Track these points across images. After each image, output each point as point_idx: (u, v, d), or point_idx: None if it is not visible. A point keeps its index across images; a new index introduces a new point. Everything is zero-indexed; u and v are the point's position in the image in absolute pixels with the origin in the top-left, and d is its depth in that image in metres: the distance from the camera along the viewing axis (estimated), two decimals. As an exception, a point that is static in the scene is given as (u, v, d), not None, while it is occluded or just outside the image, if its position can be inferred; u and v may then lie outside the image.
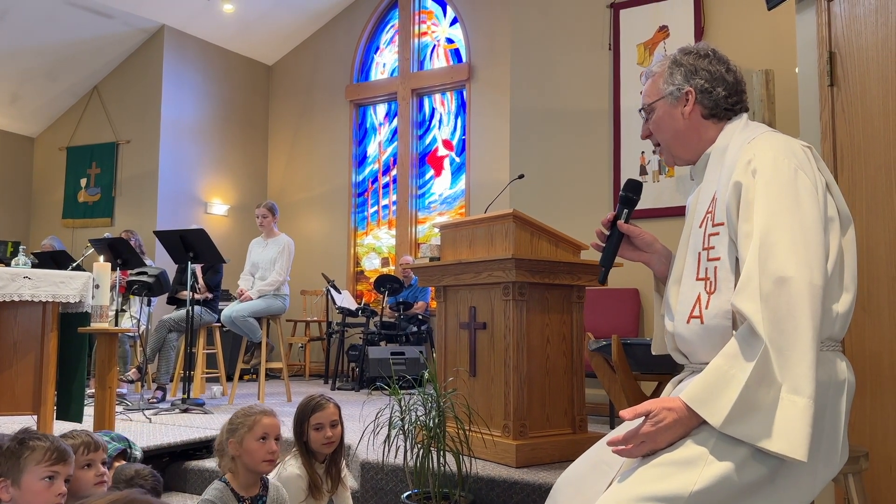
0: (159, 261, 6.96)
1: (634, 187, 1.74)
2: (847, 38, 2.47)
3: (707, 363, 1.50)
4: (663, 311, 1.74)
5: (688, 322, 1.56)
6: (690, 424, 1.38)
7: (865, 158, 2.38)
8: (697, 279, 1.56)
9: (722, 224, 1.52)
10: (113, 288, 5.42)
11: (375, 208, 8.77)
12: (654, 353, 1.81)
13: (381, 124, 8.84)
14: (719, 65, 1.66)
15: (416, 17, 8.57)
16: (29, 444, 1.82)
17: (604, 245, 1.75)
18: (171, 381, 5.68)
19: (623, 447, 1.43)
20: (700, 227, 1.59)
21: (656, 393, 3.09)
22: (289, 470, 2.45)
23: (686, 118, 1.65)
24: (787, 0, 2.72)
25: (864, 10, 2.41)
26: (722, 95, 1.64)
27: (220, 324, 5.67)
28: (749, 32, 4.75)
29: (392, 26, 8.78)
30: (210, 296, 5.77)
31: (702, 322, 1.52)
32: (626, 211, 1.72)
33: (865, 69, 2.40)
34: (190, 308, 5.04)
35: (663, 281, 1.78)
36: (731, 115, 1.66)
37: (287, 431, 3.54)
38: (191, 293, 5.06)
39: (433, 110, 8.46)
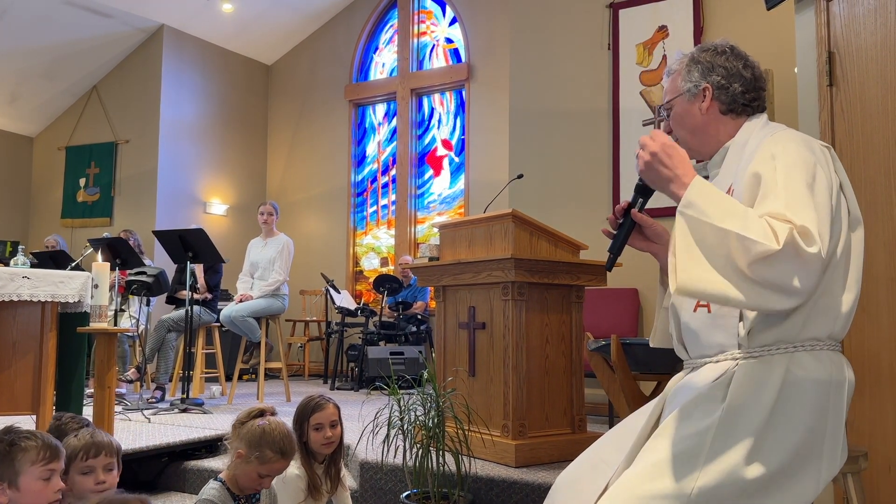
0: (158, 260, 6.96)
1: None
2: (846, 38, 2.47)
3: (708, 355, 1.52)
4: (666, 304, 1.74)
5: (695, 311, 1.56)
6: (668, 181, 1.49)
7: (864, 158, 2.38)
8: None
9: None
10: (112, 288, 5.42)
11: (374, 208, 8.76)
12: (652, 345, 1.81)
13: (380, 124, 8.84)
14: (736, 61, 1.67)
15: (416, 17, 8.57)
16: (21, 445, 1.78)
17: (615, 233, 1.75)
18: (171, 380, 5.68)
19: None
20: None
21: (655, 393, 3.09)
22: (288, 470, 2.45)
23: (704, 114, 1.67)
24: (787, 0, 2.72)
25: (863, 11, 2.41)
26: (739, 91, 1.65)
27: (219, 324, 5.67)
28: (748, 32, 4.75)
29: (391, 26, 8.77)
30: (210, 296, 5.77)
31: (709, 311, 1.53)
32: (640, 200, 1.71)
33: (864, 69, 2.40)
34: (189, 308, 5.04)
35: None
36: (749, 112, 1.67)
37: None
38: (190, 293, 5.06)
39: (432, 110, 8.45)
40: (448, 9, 8.32)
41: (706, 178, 1.73)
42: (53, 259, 5.93)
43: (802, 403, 1.41)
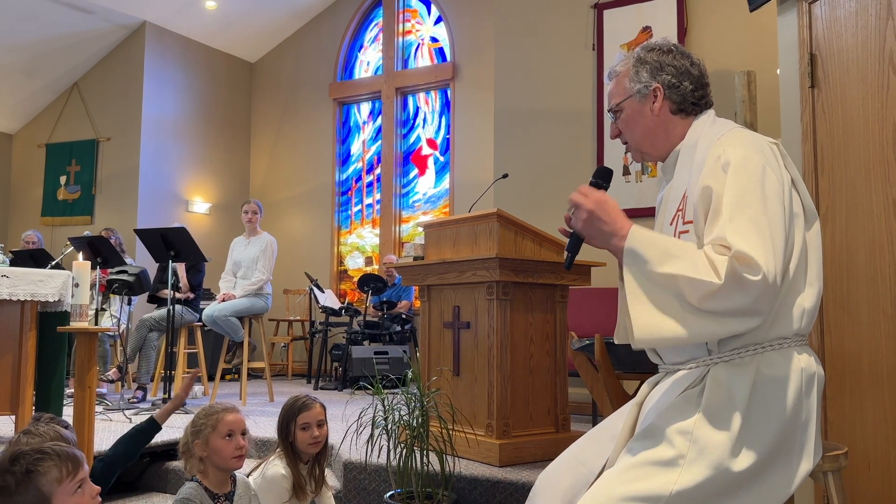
0: (140, 259, 6.89)
1: (604, 174, 1.74)
2: (828, 40, 2.49)
3: (679, 362, 1.53)
4: None
5: None
6: (609, 236, 1.52)
7: (845, 159, 2.41)
8: None
9: (692, 222, 1.53)
10: (93, 287, 5.36)
11: (359, 207, 8.74)
12: (616, 342, 1.83)
13: (364, 123, 8.81)
14: (683, 59, 1.66)
15: (401, 16, 8.55)
16: (39, 470, 1.55)
17: (571, 231, 1.75)
18: (152, 380, 5.63)
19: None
20: (671, 224, 1.61)
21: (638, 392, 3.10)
22: (274, 470, 2.44)
23: (655, 115, 1.66)
24: (770, 2, 2.74)
25: (845, 13, 2.43)
26: (689, 89, 1.65)
27: (201, 323, 5.63)
28: (731, 34, 4.79)
29: (376, 24, 8.75)
30: (192, 295, 5.73)
31: None
32: None
33: (845, 71, 2.43)
34: (171, 307, 5.00)
35: None
36: (697, 110, 1.67)
37: (261, 430, 3.52)
38: (172, 292, 5.02)
39: (417, 109, 8.45)
40: (433, 7, 8.31)
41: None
42: (33, 257, 5.85)
43: (774, 401, 1.43)
